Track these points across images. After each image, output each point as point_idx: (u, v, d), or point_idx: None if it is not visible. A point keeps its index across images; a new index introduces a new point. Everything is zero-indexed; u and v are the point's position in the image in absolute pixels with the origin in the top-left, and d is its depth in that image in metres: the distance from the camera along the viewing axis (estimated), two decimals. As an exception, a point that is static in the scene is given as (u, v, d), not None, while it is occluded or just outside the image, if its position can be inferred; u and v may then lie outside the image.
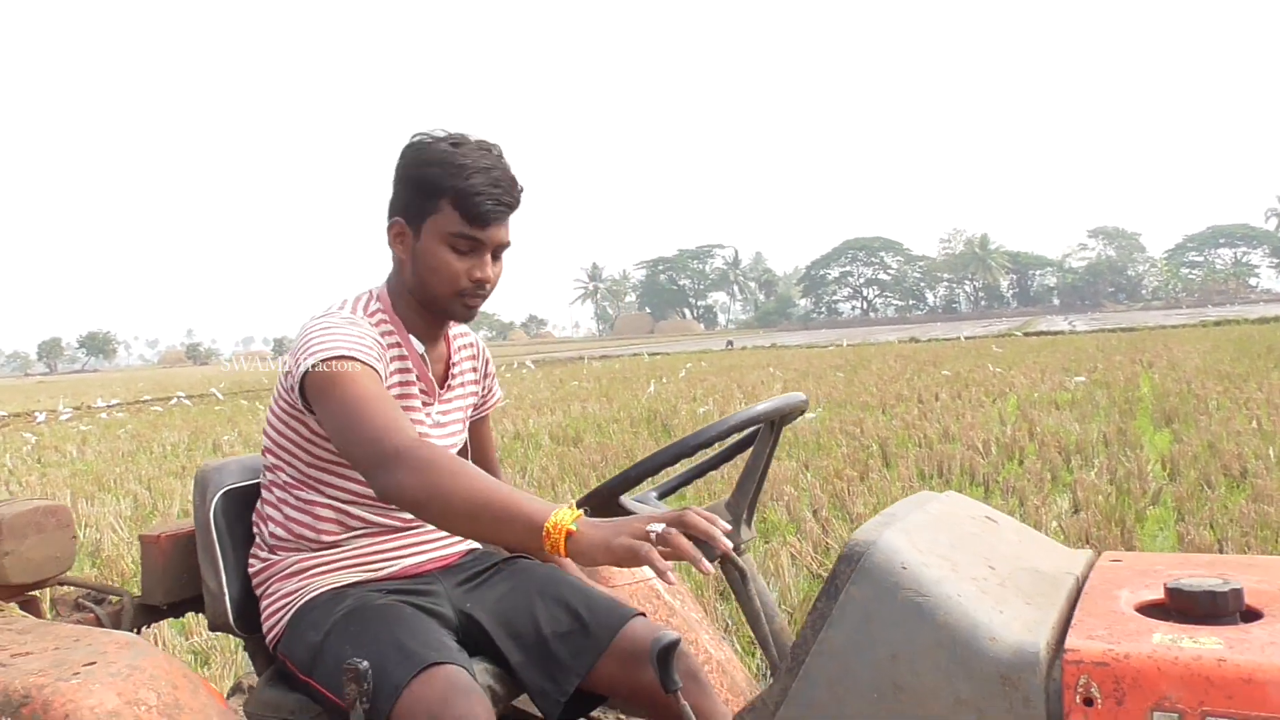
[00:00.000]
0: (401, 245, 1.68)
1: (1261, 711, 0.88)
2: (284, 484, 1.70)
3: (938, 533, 1.18)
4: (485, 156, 1.64)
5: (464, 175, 1.60)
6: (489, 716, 1.36)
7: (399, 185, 1.68)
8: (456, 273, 1.63)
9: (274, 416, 1.71)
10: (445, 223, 1.62)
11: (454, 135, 1.67)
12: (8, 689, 1.17)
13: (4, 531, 1.57)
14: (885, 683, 1.05)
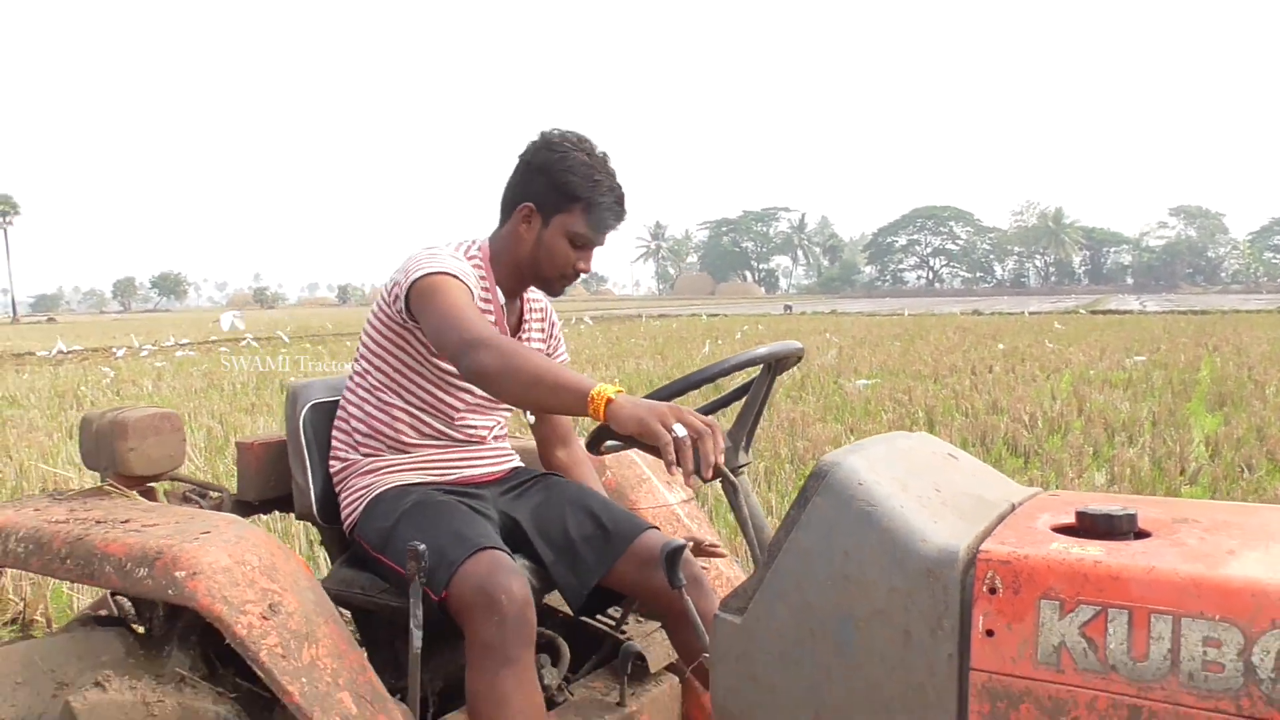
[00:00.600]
0: (527, 226, 1.97)
1: (1124, 601, 1.09)
2: (370, 386, 1.99)
3: (897, 461, 1.41)
4: (611, 176, 1.98)
5: (599, 191, 1.93)
6: (525, 592, 1.63)
7: (536, 176, 1.96)
8: (568, 261, 1.97)
9: (371, 327, 2.00)
10: (572, 222, 1.94)
11: (585, 145, 1.97)
12: (144, 547, 1.46)
13: (129, 431, 1.88)
14: (838, 575, 1.28)
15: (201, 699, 1.44)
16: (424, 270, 1.83)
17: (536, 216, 1.96)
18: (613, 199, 1.95)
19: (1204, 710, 1.04)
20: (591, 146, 1.97)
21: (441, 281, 1.81)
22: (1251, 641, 1.03)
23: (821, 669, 1.28)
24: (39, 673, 1.49)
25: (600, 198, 1.93)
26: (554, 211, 1.94)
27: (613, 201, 1.95)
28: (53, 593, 5.25)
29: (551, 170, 1.93)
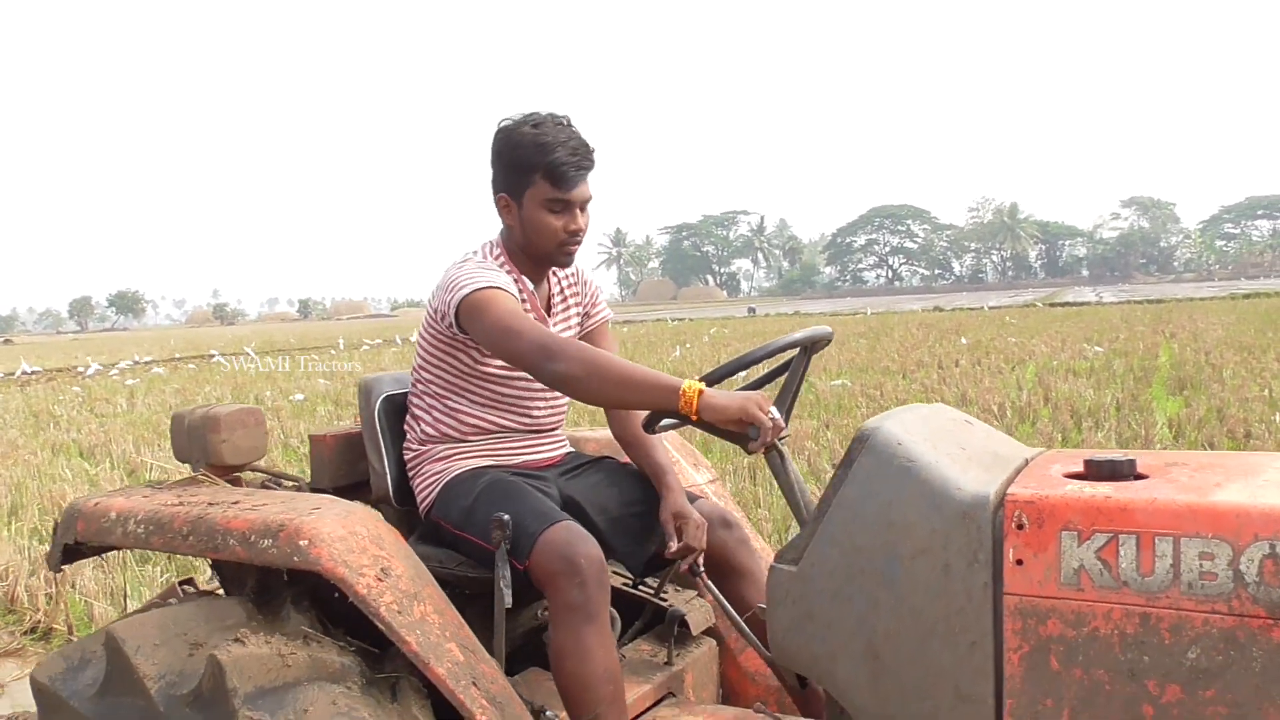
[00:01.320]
0: (509, 214, 2.08)
1: (1132, 528, 1.31)
2: (434, 394, 2.13)
3: (924, 425, 1.62)
4: (561, 130, 2.01)
5: (548, 151, 1.98)
6: (601, 557, 1.81)
7: (498, 166, 2.06)
8: (555, 229, 2.04)
9: (425, 344, 2.14)
10: (540, 192, 2.01)
11: (531, 116, 2.03)
12: (266, 522, 1.63)
13: (222, 425, 2.05)
14: (883, 521, 1.49)
15: (327, 651, 1.61)
16: (468, 288, 1.93)
17: (512, 202, 2.06)
18: (566, 152, 1.99)
19: (1202, 613, 1.26)
20: (539, 116, 2.03)
21: (489, 296, 1.92)
22: (1239, 554, 1.25)
23: (871, 602, 1.49)
24: (173, 635, 1.65)
25: (552, 156, 1.97)
26: (521, 190, 2.03)
27: (567, 155, 1.99)
28: (69, 603, 5.34)
29: (505, 153, 2.03)
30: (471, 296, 1.92)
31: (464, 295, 1.93)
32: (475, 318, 1.91)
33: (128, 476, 9.04)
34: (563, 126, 2.03)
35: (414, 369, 2.21)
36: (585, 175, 2.04)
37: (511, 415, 2.15)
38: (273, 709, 1.51)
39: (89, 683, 1.69)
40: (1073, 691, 1.34)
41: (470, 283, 1.95)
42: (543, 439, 2.22)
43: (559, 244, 2.07)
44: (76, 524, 1.86)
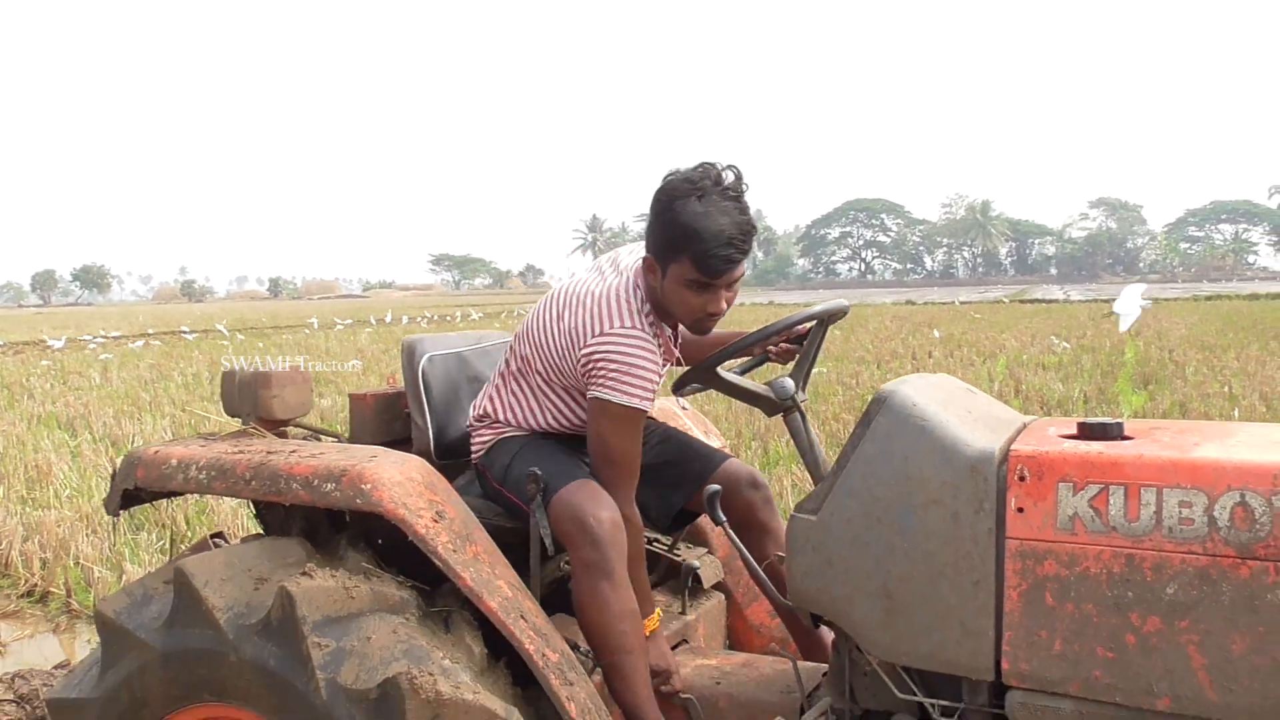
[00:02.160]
0: (652, 276, 1.98)
1: (1121, 480, 1.48)
2: (530, 373, 2.14)
3: (934, 391, 1.78)
4: (725, 214, 1.87)
5: (701, 239, 1.86)
6: (615, 516, 1.94)
7: (654, 226, 1.95)
8: (694, 308, 1.96)
9: (548, 341, 2.07)
10: (684, 271, 1.91)
11: (699, 186, 1.88)
12: (329, 467, 1.76)
13: (274, 382, 2.17)
14: (899, 474, 1.65)
15: (386, 586, 1.75)
16: (620, 396, 1.93)
17: (656, 267, 1.97)
18: (719, 243, 1.87)
19: (1180, 553, 1.44)
20: (708, 186, 1.90)
21: (630, 420, 1.94)
22: (1213, 502, 1.43)
23: (887, 547, 1.66)
24: (239, 571, 1.78)
25: (705, 245, 1.86)
26: (668, 263, 1.93)
27: (720, 245, 1.87)
28: (65, 568, 5.42)
29: (662, 219, 1.92)
30: (622, 409, 1.94)
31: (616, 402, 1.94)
32: (605, 423, 1.96)
33: (111, 448, 9.07)
34: (729, 204, 1.90)
35: (512, 357, 2.21)
36: (736, 267, 1.93)
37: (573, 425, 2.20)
38: (339, 636, 1.65)
39: (155, 615, 1.81)
40: (1064, 624, 1.51)
41: (629, 391, 1.94)
42: None
43: (695, 320, 2.01)
44: (136, 471, 1.98)
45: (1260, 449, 1.50)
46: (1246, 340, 16.68)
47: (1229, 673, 1.41)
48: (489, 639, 1.76)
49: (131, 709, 1.84)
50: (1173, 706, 1.45)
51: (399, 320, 34.95)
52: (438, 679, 1.59)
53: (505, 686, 1.72)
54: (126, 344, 25.22)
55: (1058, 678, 1.52)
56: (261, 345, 23.25)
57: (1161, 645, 1.45)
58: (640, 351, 1.95)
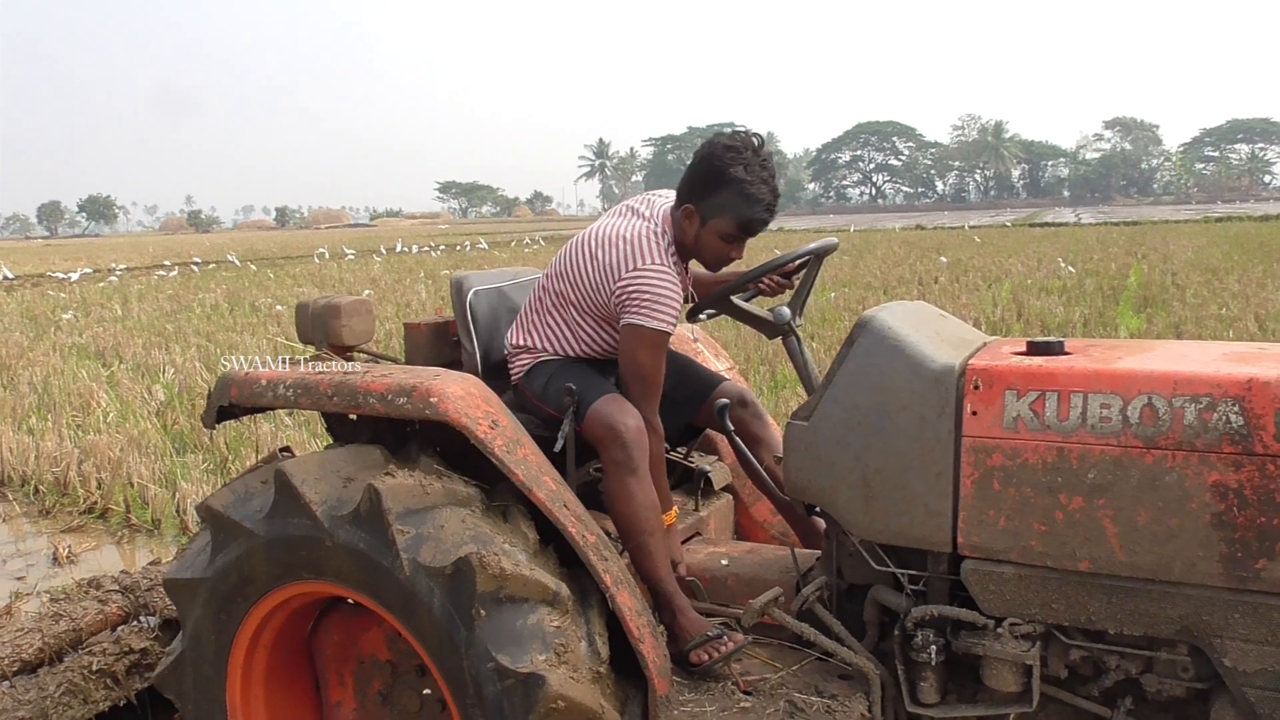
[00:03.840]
0: (689, 223, 2.32)
1: (1055, 387, 1.81)
2: (565, 306, 2.43)
3: (909, 316, 2.10)
4: (765, 183, 2.24)
5: (748, 204, 2.23)
6: (639, 423, 2.27)
7: (699, 178, 2.27)
8: (721, 254, 2.34)
9: (588, 271, 2.35)
10: (724, 226, 2.28)
11: (745, 155, 2.23)
12: (400, 384, 2.09)
13: (343, 311, 2.50)
14: (877, 386, 1.98)
15: (454, 484, 2.09)
16: (652, 322, 2.23)
17: (696, 217, 2.30)
18: (761, 208, 2.25)
19: (1100, 445, 1.77)
20: (751, 156, 2.24)
21: (658, 344, 2.25)
22: (1127, 404, 1.76)
23: (866, 445, 2.00)
24: (329, 472, 2.12)
25: (749, 209, 2.23)
26: (710, 216, 2.28)
27: (762, 210, 2.25)
28: (123, 487, 5.85)
29: (709, 178, 2.26)
30: (652, 333, 2.25)
31: (648, 326, 2.25)
32: (636, 347, 2.27)
33: (145, 375, 9.48)
34: (766, 173, 2.26)
35: (546, 290, 2.51)
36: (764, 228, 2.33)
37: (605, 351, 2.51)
38: (418, 524, 2.00)
39: (258, 509, 2.17)
40: (1007, 505, 1.86)
41: (659, 317, 2.25)
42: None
43: (716, 261, 2.38)
44: (230, 390, 2.32)
45: (1169, 360, 1.83)
46: (1251, 262, 16.84)
47: (1135, 539, 1.76)
48: (539, 528, 2.12)
49: (239, 585, 2.21)
50: (1092, 567, 1.81)
51: (409, 249, 35.15)
52: (501, 558, 1.94)
53: (554, 566, 2.07)
54: (154, 274, 25.58)
55: (1002, 548, 1.88)
56: (273, 275, 23.60)
57: (1083, 519, 1.80)
58: (668, 284, 2.27)
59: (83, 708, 2.77)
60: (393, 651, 2.35)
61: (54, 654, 2.88)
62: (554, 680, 1.87)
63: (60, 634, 2.92)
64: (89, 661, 2.83)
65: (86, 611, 3.01)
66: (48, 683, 2.77)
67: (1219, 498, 1.70)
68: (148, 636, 2.96)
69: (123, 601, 3.05)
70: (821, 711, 2.00)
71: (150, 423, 7.37)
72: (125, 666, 2.87)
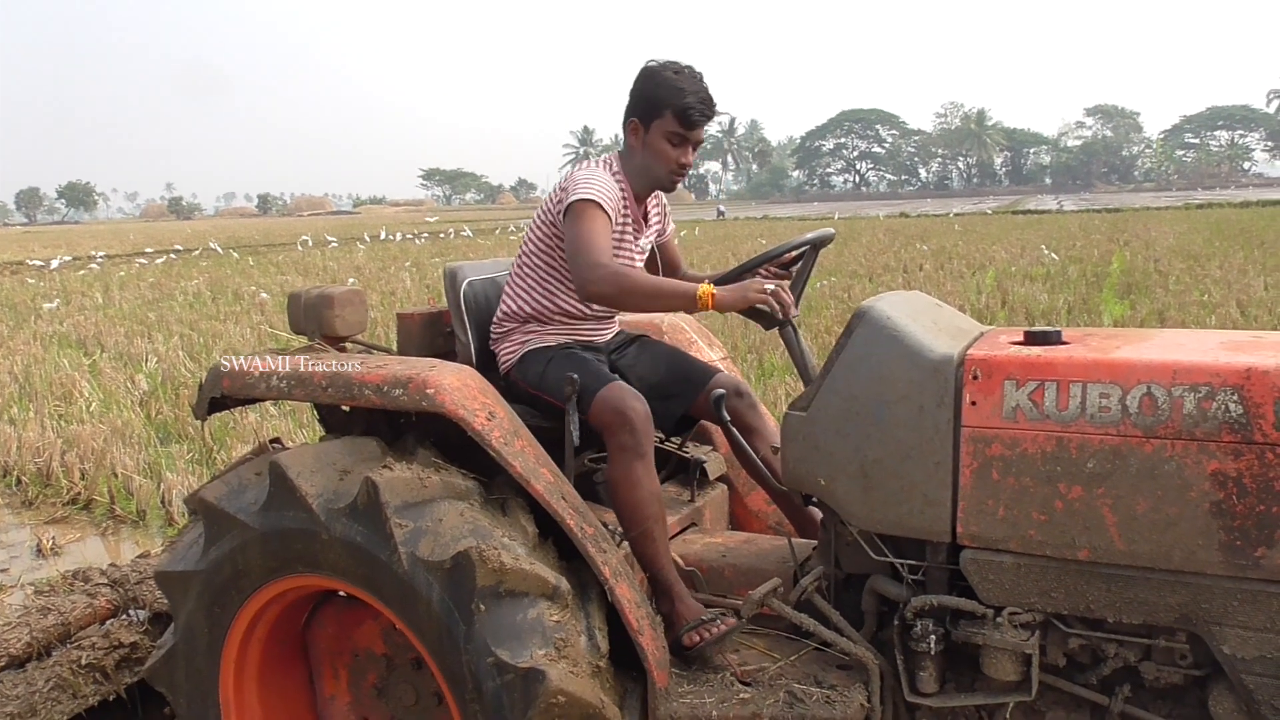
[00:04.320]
0: (635, 137, 2.45)
1: (1054, 376, 1.82)
2: (536, 276, 2.52)
3: (906, 306, 2.10)
4: (696, 82, 2.38)
5: (683, 95, 2.37)
6: (646, 410, 2.27)
7: (637, 97, 2.43)
8: (671, 158, 2.42)
9: (536, 230, 2.52)
10: (666, 124, 2.39)
11: (674, 64, 2.42)
12: (396, 375, 2.07)
13: (337, 301, 2.47)
14: (875, 375, 1.98)
15: (452, 477, 2.07)
16: (579, 195, 2.32)
17: (640, 128, 2.43)
18: (697, 99, 2.37)
19: (1099, 435, 1.78)
20: (680, 65, 2.42)
21: (588, 209, 2.30)
22: (1126, 393, 1.76)
23: (864, 435, 2.00)
24: (325, 464, 2.10)
25: (685, 100, 2.36)
26: (651, 119, 2.41)
27: (697, 100, 2.37)
28: (107, 478, 5.80)
29: (644, 88, 2.42)
30: (580, 204, 2.32)
31: (573, 200, 2.33)
32: (570, 221, 2.33)
33: (128, 365, 9.39)
34: (698, 79, 2.41)
35: (521, 253, 2.60)
36: (705, 123, 2.43)
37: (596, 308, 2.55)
38: (416, 518, 1.98)
39: (252, 501, 2.15)
40: (1007, 494, 1.86)
41: (582, 190, 2.34)
42: (604, 324, 2.67)
43: (669, 171, 2.46)
44: (222, 381, 2.29)
45: (1166, 350, 1.83)
46: (1232, 249, 16.97)
47: (1134, 528, 1.76)
48: (537, 520, 2.10)
49: (233, 579, 2.19)
50: (1091, 556, 1.81)
51: (393, 237, 34.94)
52: (501, 552, 1.93)
53: (553, 559, 2.06)
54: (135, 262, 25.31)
55: (1001, 537, 1.88)
56: (254, 263, 23.39)
57: (1082, 508, 1.80)
58: (598, 174, 2.41)
59: (72, 703, 2.74)
60: (388, 645, 2.33)
61: (42, 648, 2.85)
62: (554, 675, 1.86)
63: (48, 628, 2.88)
64: (78, 656, 2.80)
65: (75, 605, 2.98)
66: (35, 678, 2.73)
67: (1218, 486, 1.71)
68: (137, 630, 2.93)
69: (111, 595, 3.02)
70: (821, 701, 2.00)
71: (134, 412, 7.30)
72: (115, 661, 2.84)
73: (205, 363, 9.22)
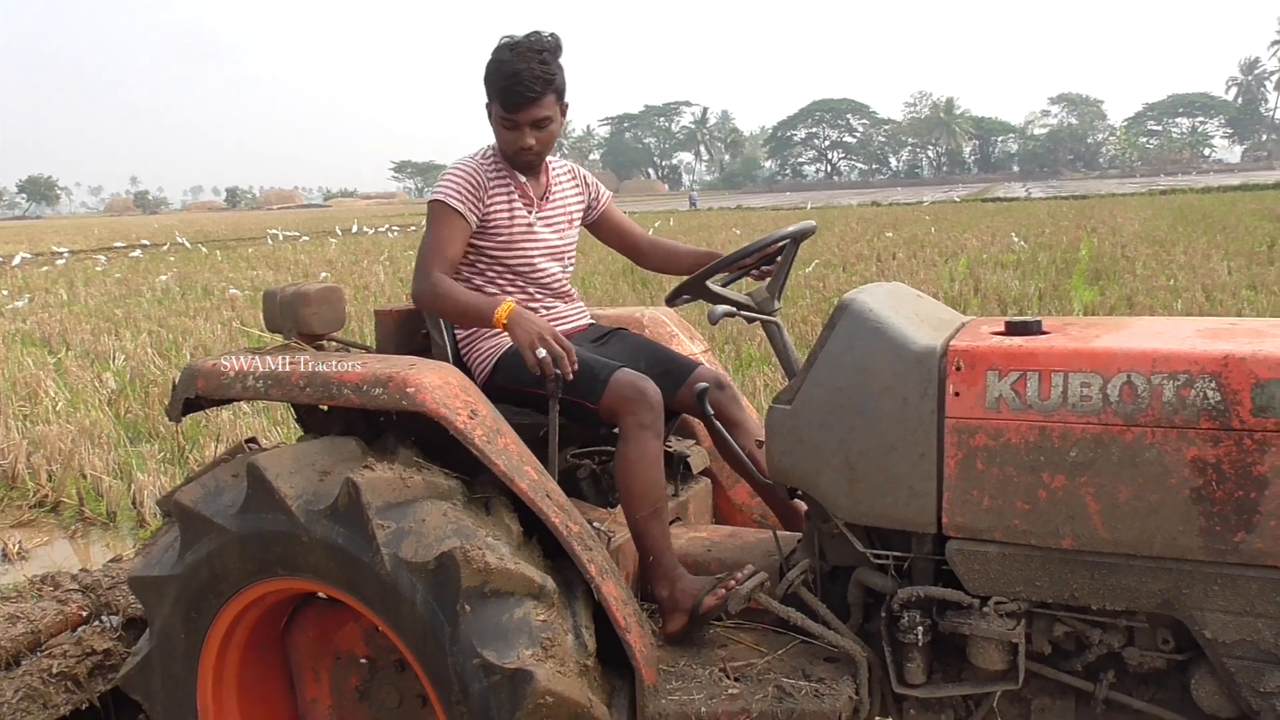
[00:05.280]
0: (491, 122, 2.48)
1: (1036, 366, 1.82)
2: (464, 277, 2.49)
3: (888, 298, 2.09)
4: (526, 59, 2.33)
5: (504, 77, 2.34)
6: (657, 390, 2.26)
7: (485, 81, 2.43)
8: (509, 143, 2.44)
9: None
10: (496, 109, 2.42)
11: (509, 40, 2.37)
12: (375, 374, 2.04)
13: (312, 298, 2.42)
14: (859, 367, 1.97)
15: (435, 476, 2.05)
16: (431, 194, 2.42)
17: (489, 111, 2.47)
18: (512, 82, 2.32)
19: (1080, 424, 1.78)
20: (517, 40, 2.37)
21: (433, 210, 2.41)
22: (1107, 382, 1.77)
23: (849, 428, 1.99)
24: (304, 464, 2.07)
25: (503, 83, 2.34)
26: (489, 105, 2.45)
27: (512, 84, 2.33)
28: (75, 479, 5.70)
29: (488, 71, 2.41)
30: (431, 202, 2.42)
31: (430, 198, 2.43)
32: (426, 220, 2.43)
33: (95, 363, 9.24)
34: (533, 54, 2.34)
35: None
36: (534, 101, 2.36)
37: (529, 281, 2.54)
38: (398, 518, 1.95)
39: (229, 503, 2.11)
40: (991, 484, 1.86)
41: (437, 189, 2.43)
42: (567, 305, 2.64)
43: (513, 156, 2.48)
44: (196, 382, 2.25)
45: (1145, 338, 1.84)
46: (1195, 234, 17.21)
47: (1116, 515, 1.77)
48: (521, 519, 2.08)
49: (210, 583, 2.15)
50: (1075, 544, 1.82)
51: (365, 230, 34.61)
52: (485, 552, 1.90)
53: (538, 558, 2.04)
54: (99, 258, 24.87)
55: (986, 527, 1.89)
56: (222, 257, 23.05)
57: (1065, 497, 1.81)
58: (460, 163, 2.48)
59: (43, 713, 2.67)
60: (370, 647, 2.30)
61: (10, 658, 2.78)
62: (541, 675, 1.84)
63: (17, 637, 2.82)
64: (48, 664, 2.74)
65: (45, 612, 2.91)
66: (4, 688, 2.67)
67: (1197, 473, 1.72)
68: (110, 637, 2.86)
69: (83, 601, 2.96)
70: (809, 695, 2.00)
71: (102, 411, 7.19)
72: (88, 669, 2.77)
73: (175, 360, 9.10)
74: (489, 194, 2.47)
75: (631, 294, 12.15)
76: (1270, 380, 1.67)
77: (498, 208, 2.48)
